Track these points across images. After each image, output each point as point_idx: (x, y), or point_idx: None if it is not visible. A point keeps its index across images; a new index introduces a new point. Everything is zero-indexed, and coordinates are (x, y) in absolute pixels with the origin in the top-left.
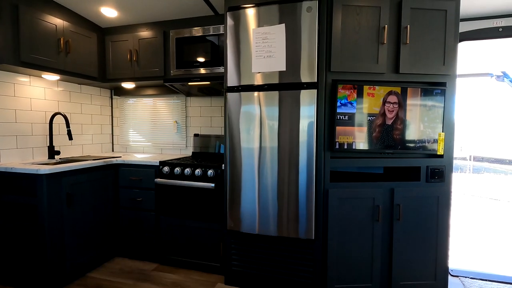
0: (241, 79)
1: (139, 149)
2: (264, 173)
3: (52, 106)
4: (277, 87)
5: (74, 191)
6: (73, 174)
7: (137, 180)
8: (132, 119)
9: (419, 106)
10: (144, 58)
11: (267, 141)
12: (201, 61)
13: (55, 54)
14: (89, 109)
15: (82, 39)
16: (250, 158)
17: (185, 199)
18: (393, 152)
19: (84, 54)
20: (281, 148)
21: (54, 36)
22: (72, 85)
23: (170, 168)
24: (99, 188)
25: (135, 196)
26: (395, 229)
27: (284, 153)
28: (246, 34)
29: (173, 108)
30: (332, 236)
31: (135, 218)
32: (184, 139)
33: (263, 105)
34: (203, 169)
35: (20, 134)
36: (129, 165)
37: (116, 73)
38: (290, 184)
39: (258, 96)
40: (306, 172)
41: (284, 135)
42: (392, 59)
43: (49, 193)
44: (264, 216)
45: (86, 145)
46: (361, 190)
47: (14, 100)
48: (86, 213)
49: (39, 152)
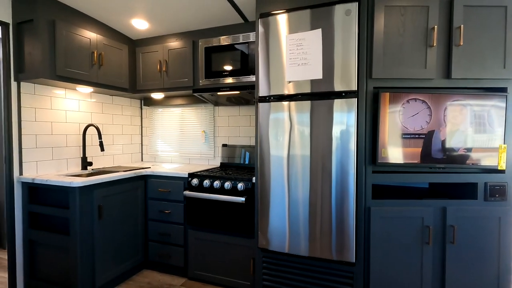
0: (271, 88)
1: (167, 159)
2: (294, 186)
3: (85, 118)
4: (311, 96)
5: (105, 203)
6: (104, 186)
7: (166, 192)
8: (161, 129)
9: (475, 115)
10: (173, 68)
11: (299, 153)
12: (230, 70)
13: (89, 67)
14: (120, 119)
15: (114, 51)
16: (279, 169)
17: (214, 212)
18: (444, 167)
19: (115, 66)
20: (314, 160)
21: (88, 50)
22: (105, 96)
23: (199, 180)
24: (129, 199)
25: (163, 209)
26: (449, 254)
27: (317, 167)
28: (277, 41)
29: (201, 118)
30: (375, 260)
31: (164, 230)
32: (212, 149)
33: (295, 116)
34: (232, 182)
35: (56, 145)
36: (158, 176)
37: (146, 84)
38: (324, 199)
39: (289, 106)
40: (342, 187)
41: (317, 147)
42: (442, 63)
43: (81, 206)
44: (295, 233)
45: (117, 155)
46: (407, 208)
47: (50, 113)
48: (116, 226)
49: (73, 163)
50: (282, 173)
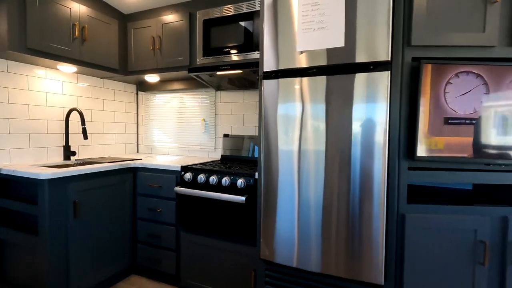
0: (279, 61)
1: (164, 150)
2: (306, 184)
3: (70, 102)
4: (327, 70)
5: (83, 198)
6: (83, 179)
7: (156, 187)
8: (158, 117)
9: None
10: (168, 46)
11: (313, 143)
12: (232, 46)
13: (69, 41)
14: (112, 105)
15: (101, 26)
16: (288, 162)
17: (210, 213)
18: (507, 164)
19: (103, 43)
20: (330, 152)
21: (67, 21)
22: (94, 79)
23: (192, 175)
24: (114, 195)
25: (154, 206)
26: (510, 279)
27: (334, 160)
28: (287, 5)
29: (201, 105)
30: (410, 282)
31: (154, 232)
32: (212, 140)
33: (308, 96)
34: (231, 178)
35: (34, 132)
36: (148, 169)
37: (139, 64)
38: (343, 202)
39: (301, 83)
40: (367, 187)
41: (336, 136)
42: (508, 25)
43: (51, 201)
44: (305, 244)
45: (109, 145)
46: (455, 217)
47: (27, 94)
48: (97, 225)
49: (55, 152)
50: (292, 168)
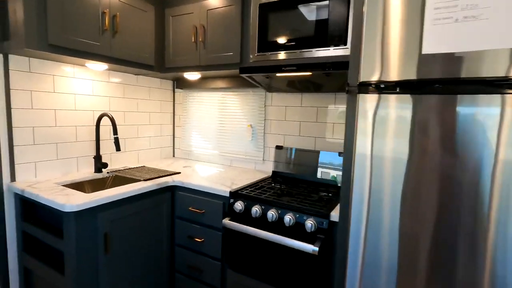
0: (384, 68)
1: (203, 157)
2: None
3: (101, 104)
4: (467, 86)
5: (115, 229)
6: (113, 206)
7: (199, 213)
8: (196, 118)
9: None
10: (214, 37)
11: (435, 193)
12: (298, 38)
13: (98, 34)
14: (146, 106)
15: (135, 13)
16: (393, 213)
17: (266, 256)
18: None
19: (137, 35)
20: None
21: (96, 9)
22: (127, 76)
23: (244, 205)
24: (150, 220)
25: (195, 234)
26: None
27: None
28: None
29: (248, 107)
30: None
31: (195, 263)
32: (261, 149)
33: (434, 125)
34: (296, 216)
35: (61, 141)
36: (189, 189)
37: (177, 60)
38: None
39: (420, 103)
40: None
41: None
42: None
43: (78, 236)
44: None
45: (143, 150)
46: None
47: (53, 97)
48: (131, 258)
49: (85, 162)
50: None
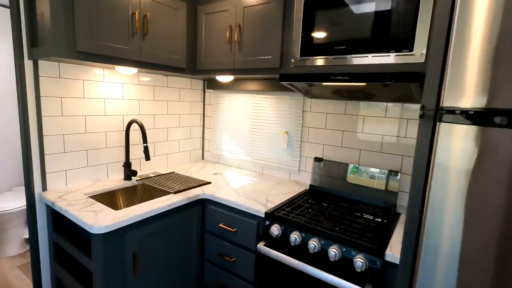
0: (485, 91)
1: (233, 162)
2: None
3: (131, 108)
4: None
5: (144, 248)
6: (142, 225)
7: (230, 232)
8: (227, 121)
9: None
10: (250, 38)
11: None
12: (351, 41)
13: (127, 38)
14: (176, 108)
15: (167, 12)
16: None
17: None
18: None
19: (168, 35)
20: None
21: (126, 10)
22: (157, 77)
23: (282, 229)
24: (179, 235)
25: (225, 253)
26: None
27: None
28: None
29: (283, 112)
30: None
31: (225, 282)
32: (296, 159)
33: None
34: (343, 250)
35: (91, 147)
36: (220, 204)
37: (209, 62)
38: None
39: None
40: None
41: None
42: None
43: (107, 258)
44: None
45: (172, 154)
46: None
47: (83, 103)
48: (160, 276)
49: (115, 169)
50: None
